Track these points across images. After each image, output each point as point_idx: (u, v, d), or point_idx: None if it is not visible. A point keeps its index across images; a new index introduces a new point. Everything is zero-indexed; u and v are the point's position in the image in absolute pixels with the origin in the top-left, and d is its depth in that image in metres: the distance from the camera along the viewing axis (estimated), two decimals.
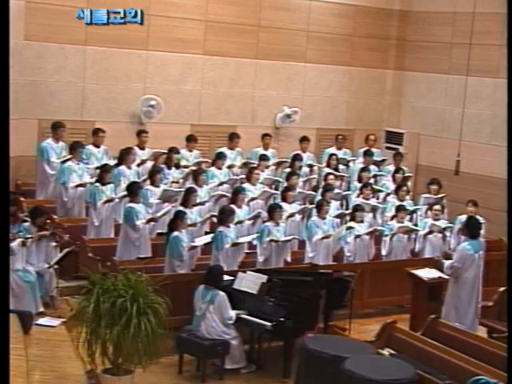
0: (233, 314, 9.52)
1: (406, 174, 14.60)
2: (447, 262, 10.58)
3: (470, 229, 10.74)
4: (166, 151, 13.31)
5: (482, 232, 12.90)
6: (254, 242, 11.43)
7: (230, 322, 9.49)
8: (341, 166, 14.86)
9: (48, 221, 10.89)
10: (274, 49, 15.59)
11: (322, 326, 10.24)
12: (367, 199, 13.08)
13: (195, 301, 9.51)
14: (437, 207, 12.70)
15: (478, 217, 11.78)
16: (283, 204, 12.13)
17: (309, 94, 16.09)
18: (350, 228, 12.11)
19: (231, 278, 10.04)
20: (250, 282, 9.91)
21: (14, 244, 10.06)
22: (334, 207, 12.85)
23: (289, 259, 11.64)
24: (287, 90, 15.88)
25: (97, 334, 8.14)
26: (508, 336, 9.08)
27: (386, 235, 12.42)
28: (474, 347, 9.08)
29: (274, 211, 11.55)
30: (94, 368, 8.38)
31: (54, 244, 10.76)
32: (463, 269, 10.43)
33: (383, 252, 12.40)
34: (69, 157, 12.56)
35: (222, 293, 9.50)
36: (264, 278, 9.91)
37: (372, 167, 14.76)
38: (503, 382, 7.74)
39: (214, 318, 9.42)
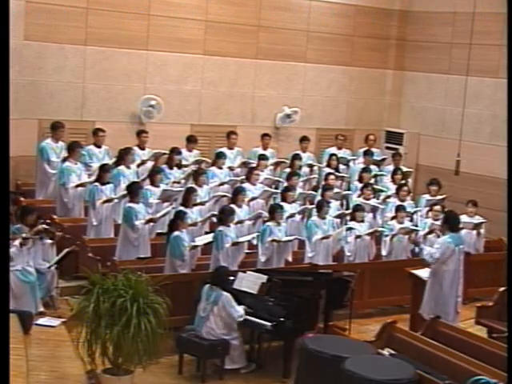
0: (241, 310, 9.49)
1: (405, 170, 14.61)
2: (427, 249, 10.67)
3: (449, 224, 10.82)
4: (166, 151, 13.32)
5: (485, 231, 12.95)
6: (255, 242, 11.44)
7: (240, 319, 9.46)
8: (341, 166, 14.86)
9: (40, 219, 10.87)
10: (274, 49, 15.60)
11: (321, 326, 10.24)
12: (368, 199, 13.09)
13: (201, 301, 9.51)
14: (437, 207, 12.72)
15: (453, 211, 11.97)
16: (283, 204, 12.13)
17: (309, 94, 16.09)
18: (350, 229, 12.11)
19: (231, 277, 10.04)
20: (249, 282, 9.91)
21: (13, 249, 10.04)
22: (334, 207, 12.86)
23: (290, 259, 11.64)
24: (287, 90, 15.89)
25: (97, 334, 8.14)
26: (508, 336, 9.08)
27: (387, 235, 12.43)
28: (474, 347, 9.08)
29: (275, 211, 11.55)
30: (94, 368, 8.38)
31: (49, 241, 10.75)
32: (442, 261, 10.49)
33: (383, 252, 12.41)
34: (66, 156, 12.56)
35: (226, 293, 9.49)
36: (264, 277, 9.91)
37: (372, 167, 14.76)
38: (503, 382, 7.75)
39: (216, 320, 9.41)
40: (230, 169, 13.81)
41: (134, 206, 11.39)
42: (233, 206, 11.74)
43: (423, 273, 10.99)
